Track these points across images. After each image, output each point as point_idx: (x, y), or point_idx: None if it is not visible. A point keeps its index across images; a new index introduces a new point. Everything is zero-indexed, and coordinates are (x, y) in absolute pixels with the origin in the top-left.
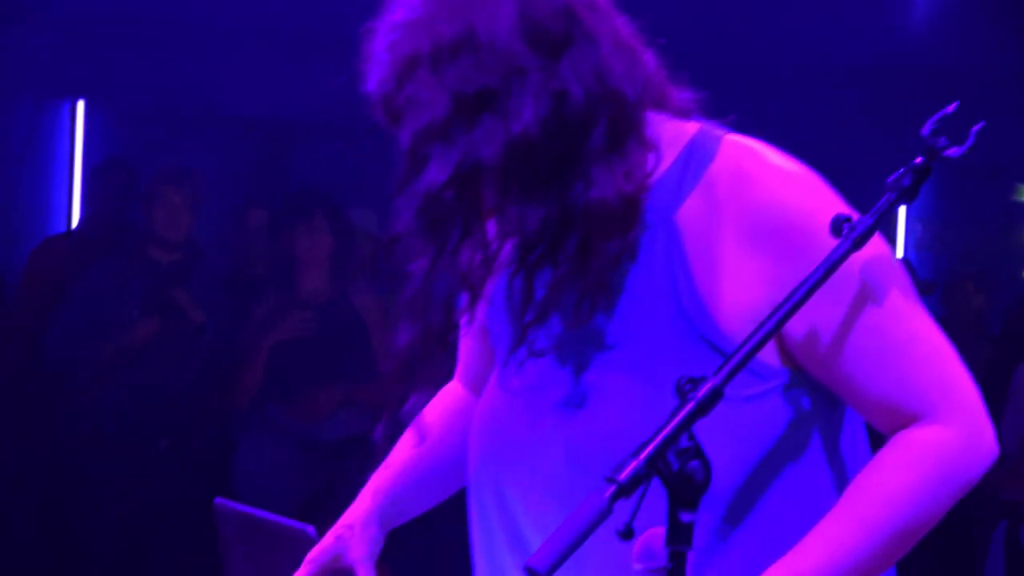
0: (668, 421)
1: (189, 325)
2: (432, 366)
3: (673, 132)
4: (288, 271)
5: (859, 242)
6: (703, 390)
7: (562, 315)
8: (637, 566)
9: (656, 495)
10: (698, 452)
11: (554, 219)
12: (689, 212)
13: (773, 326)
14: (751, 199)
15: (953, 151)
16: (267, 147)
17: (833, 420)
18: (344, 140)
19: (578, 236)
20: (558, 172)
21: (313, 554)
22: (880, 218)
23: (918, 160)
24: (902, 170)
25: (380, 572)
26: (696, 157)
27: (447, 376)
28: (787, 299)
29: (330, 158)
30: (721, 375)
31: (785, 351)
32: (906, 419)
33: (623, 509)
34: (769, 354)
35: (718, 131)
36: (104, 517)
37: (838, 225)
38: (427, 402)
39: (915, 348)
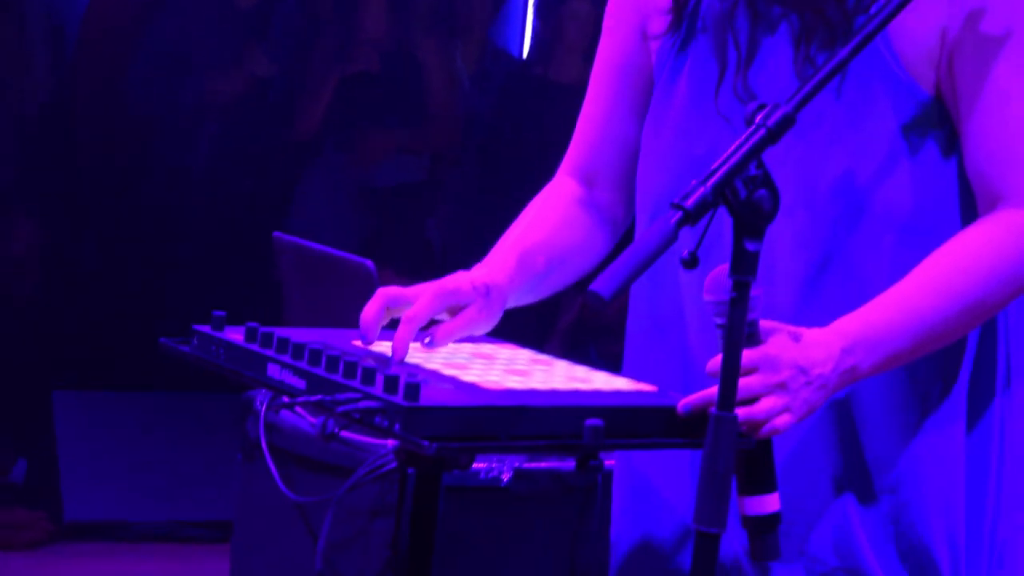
0: (737, 148)
1: (260, 73)
2: None
3: None
4: (350, 12)
5: None
6: (775, 117)
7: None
8: (707, 297)
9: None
10: (767, 180)
11: None
12: None
13: (847, 54)
14: None
15: None
16: None
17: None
18: None
19: None
20: None
21: (444, 287)
22: None
23: None
24: None
25: None
26: None
27: None
28: (858, 30)
29: None
30: (793, 102)
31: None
32: (997, 195)
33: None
34: (929, 84)
35: None
36: (182, 249)
37: None
38: None
39: None
